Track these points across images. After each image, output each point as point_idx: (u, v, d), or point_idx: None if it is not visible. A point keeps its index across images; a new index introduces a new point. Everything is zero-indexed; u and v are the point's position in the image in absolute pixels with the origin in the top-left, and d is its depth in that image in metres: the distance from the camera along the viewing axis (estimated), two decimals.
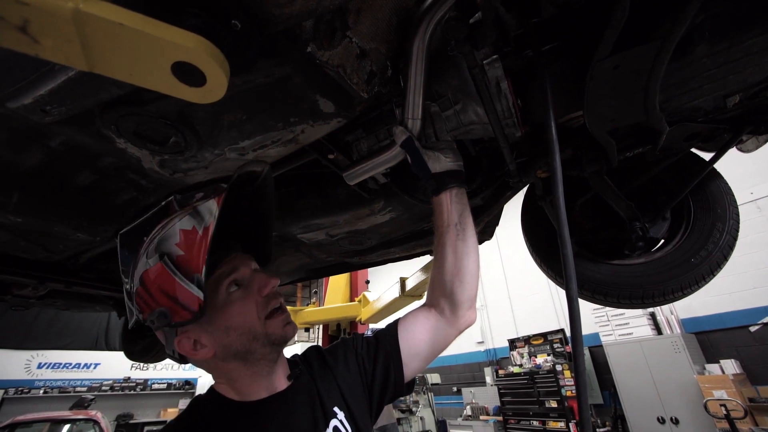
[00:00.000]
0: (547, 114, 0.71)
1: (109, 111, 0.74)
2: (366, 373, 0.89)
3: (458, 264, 0.92)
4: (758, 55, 0.77)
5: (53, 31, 0.42)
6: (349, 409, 0.82)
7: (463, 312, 0.94)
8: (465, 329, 0.98)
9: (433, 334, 0.95)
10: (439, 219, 0.96)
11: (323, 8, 0.57)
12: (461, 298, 0.93)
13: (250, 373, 0.76)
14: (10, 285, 1.86)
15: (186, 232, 0.74)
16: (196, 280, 0.68)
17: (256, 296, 0.77)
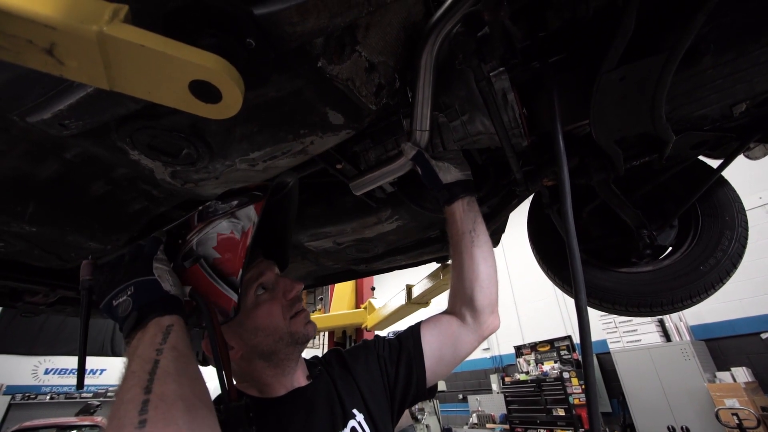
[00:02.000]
0: (554, 126, 0.72)
1: (124, 125, 0.76)
2: (388, 375, 0.90)
3: (476, 270, 0.93)
4: (765, 65, 0.78)
5: (78, 53, 0.44)
6: (369, 411, 0.82)
7: (485, 318, 0.95)
8: (488, 335, 0.98)
9: (455, 339, 0.94)
10: (453, 228, 0.96)
11: (335, 26, 0.58)
12: (482, 304, 0.93)
13: (273, 373, 0.79)
14: (23, 292, 1.89)
15: (223, 236, 0.77)
16: (231, 283, 0.70)
17: (281, 300, 0.81)
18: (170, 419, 0.44)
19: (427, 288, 1.97)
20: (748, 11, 0.72)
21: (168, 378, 0.48)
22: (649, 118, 0.82)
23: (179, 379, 0.49)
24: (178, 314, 0.62)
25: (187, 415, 0.46)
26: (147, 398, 0.45)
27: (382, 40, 0.75)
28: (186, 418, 0.45)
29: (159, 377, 0.48)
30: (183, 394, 0.48)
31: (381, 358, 0.92)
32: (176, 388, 0.48)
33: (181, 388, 0.48)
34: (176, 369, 0.50)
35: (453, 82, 0.84)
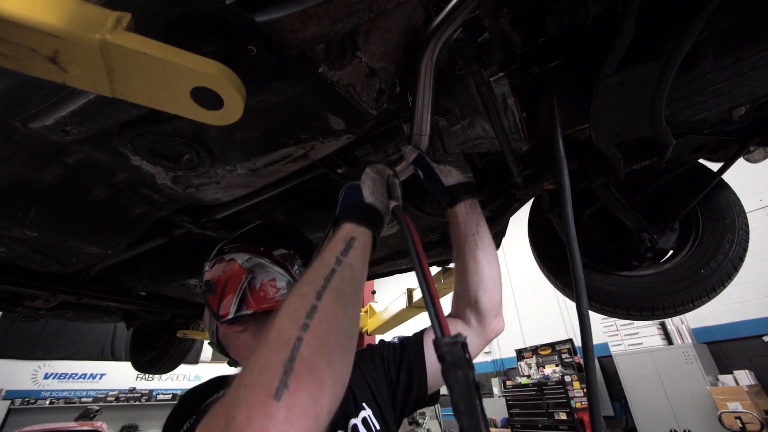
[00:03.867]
0: (554, 131, 0.72)
1: (126, 130, 0.77)
2: (390, 378, 0.90)
3: (480, 272, 0.93)
4: (764, 69, 0.78)
5: (81, 61, 0.45)
6: (378, 406, 0.82)
7: (489, 320, 0.94)
8: (493, 338, 0.98)
9: None
10: (456, 230, 0.96)
11: (336, 32, 0.59)
12: (486, 306, 0.93)
13: None
14: (23, 297, 1.89)
15: (267, 282, 0.87)
16: (244, 309, 0.83)
17: None
18: (325, 339, 0.48)
19: None
20: (746, 16, 0.73)
21: (335, 294, 0.52)
22: (649, 122, 0.83)
23: (342, 298, 0.53)
24: (368, 226, 0.65)
25: (339, 340, 0.50)
26: (315, 304, 0.49)
27: (383, 46, 0.76)
28: (338, 343, 0.49)
29: (330, 290, 0.52)
30: (340, 322, 0.51)
31: (385, 360, 0.92)
32: (339, 309, 0.52)
33: (340, 312, 0.52)
34: (344, 288, 0.54)
35: (453, 87, 0.84)
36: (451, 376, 0.47)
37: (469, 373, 0.47)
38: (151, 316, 2.37)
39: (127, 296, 2.04)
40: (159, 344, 2.78)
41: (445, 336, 0.51)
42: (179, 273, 1.74)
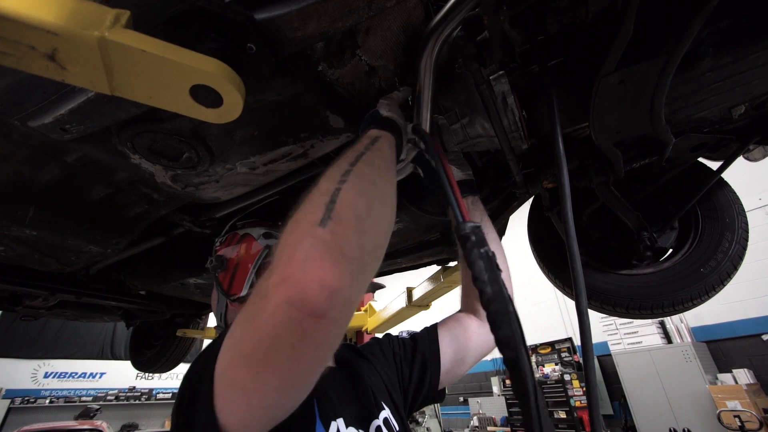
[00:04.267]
0: (554, 129, 0.72)
1: (125, 129, 0.76)
2: (402, 375, 0.87)
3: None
4: (764, 68, 0.78)
5: (80, 59, 0.44)
6: (395, 405, 0.80)
7: None
8: None
9: (475, 339, 0.92)
10: None
11: (335, 30, 0.58)
12: None
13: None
14: (22, 296, 1.89)
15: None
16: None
17: None
18: (363, 189, 0.50)
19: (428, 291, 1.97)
20: (746, 14, 0.72)
21: (367, 163, 0.55)
22: (649, 120, 0.83)
23: (375, 167, 0.56)
24: (390, 131, 0.67)
25: (376, 195, 0.51)
26: (350, 169, 0.52)
27: (382, 44, 0.76)
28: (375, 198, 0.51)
29: (362, 161, 0.54)
30: (375, 180, 0.53)
31: (397, 356, 0.90)
32: (374, 172, 0.54)
33: (375, 174, 0.54)
34: (374, 160, 0.57)
35: (453, 85, 0.84)
36: (475, 253, 0.52)
37: (490, 250, 0.53)
38: (151, 315, 2.37)
39: (127, 295, 2.04)
40: (158, 343, 2.78)
41: (467, 221, 0.56)
42: (179, 272, 1.74)
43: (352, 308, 0.44)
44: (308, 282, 0.39)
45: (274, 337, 0.41)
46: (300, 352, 0.41)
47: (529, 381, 0.46)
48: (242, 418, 0.47)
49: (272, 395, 0.45)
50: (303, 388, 0.48)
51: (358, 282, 0.43)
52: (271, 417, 0.48)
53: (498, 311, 0.49)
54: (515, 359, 0.47)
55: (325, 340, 0.42)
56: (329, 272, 0.40)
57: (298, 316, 0.39)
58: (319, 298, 0.39)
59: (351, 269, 0.42)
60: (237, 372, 0.46)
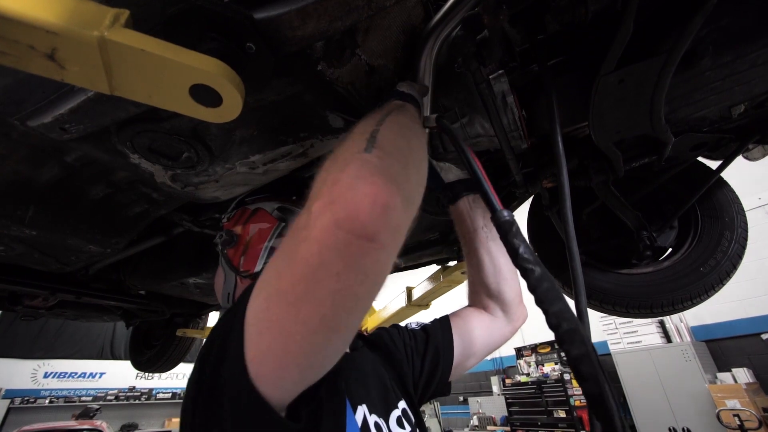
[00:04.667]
0: (553, 129, 0.72)
1: (125, 128, 0.76)
2: (414, 367, 0.85)
3: (496, 263, 0.92)
4: (763, 67, 0.78)
5: (79, 58, 0.44)
6: (409, 396, 0.78)
7: (515, 309, 0.93)
8: (521, 326, 0.97)
9: (488, 333, 0.92)
10: (462, 226, 0.96)
11: (335, 29, 0.58)
12: (510, 296, 0.92)
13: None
14: (22, 296, 1.89)
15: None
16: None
17: None
18: (395, 141, 0.48)
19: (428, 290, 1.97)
20: (745, 14, 0.73)
21: (396, 120, 0.54)
22: (648, 120, 0.83)
23: (402, 127, 0.54)
24: (411, 102, 0.66)
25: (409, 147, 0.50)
26: (377, 128, 0.49)
27: (382, 43, 0.76)
28: (408, 147, 0.50)
29: (386, 123, 0.51)
30: (404, 134, 0.52)
31: (408, 347, 0.88)
32: (402, 128, 0.53)
33: (405, 131, 0.53)
34: (399, 119, 0.55)
35: (452, 84, 0.84)
36: (519, 238, 0.55)
37: (525, 238, 0.56)
38: (151, 315, 2.37)
39: (127, 295, 2.04)
40: (158, 343, 2.78)
41: (503, 209, 0.58)
42: (178, 271, 1.74)
43: (401, 238, 0.41)
44: (359, 198, 0.36)
45: (319, 265, 0.37)
46: (345, 284, 0.38)
47: (590, 346, 0.47)
48: (278, 367, 0.43)
49: (312, 340, 0.41)
50: (342, 337, 0.44)
51: (409, 211, 0.41)
52: (307, 370, 0.45)
53: (548, 288, 0.50)
54: (575, 329, 0.48)
55: (372, 270, 0.39)
56: (382, 188, 0.37)
57: (346, 238, 0.36)
58: (372, 215, 0.36)
59: (401, 193, 0.39)
60: (273, 312, 0.42)
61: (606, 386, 0.44)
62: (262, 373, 0.43)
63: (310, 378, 0.46)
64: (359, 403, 0.63)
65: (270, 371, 0.43)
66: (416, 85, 0.73)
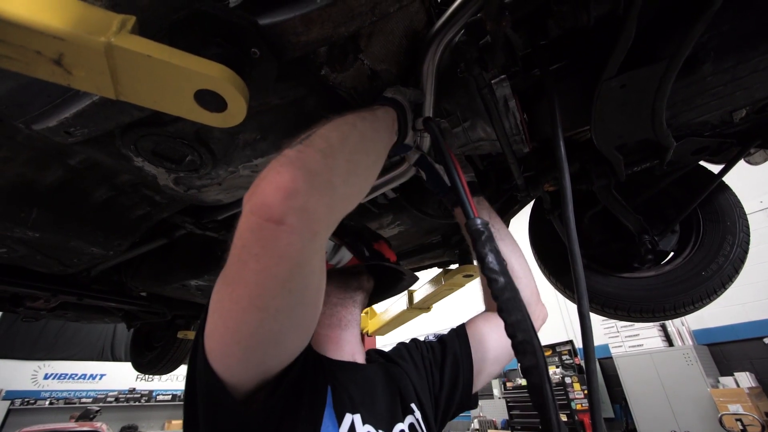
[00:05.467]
0: (555, 133, 0.72)
1: (129, 132, 0.77)
2: (433, 381, 0.84)
3: (508, 264, 0.91)
4: (764, 72, 0.78)
5: (86, 64, 0.45)
6: (423, 410, 0.77)
7: (533, 309, 0.91)
8: (541, 326, 0.94)
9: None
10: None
11: (338, 35, 0.59)
12: (526, 296, 0.89)
13: (334, 338, 0.79)
14: (24, 297, 1.89)
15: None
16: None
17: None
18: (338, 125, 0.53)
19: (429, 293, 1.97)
20: (746, 19, 0.73)
21: (355, 115, 0.57)
22: (650, 124, 0.83)
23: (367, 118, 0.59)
24: (392, 107, 0.69)
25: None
26: (318, 128, 0.52)
27: (385, 48, 0.76)
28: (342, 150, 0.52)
29: (351, 113, 0.57)
30: (356, 123, 0.56)
31: (426, 360, 0.87)
32: (356, 119, 0.56)
33: (358, 120, 0.57)
34: (364, 115, 0.59)
35: (455, 89, 0.85)
36: (487, 247, 0.59)
37: (497, 246, 0.60)
38: (152, 317, 2.37)
39: (128, 297, 2.04)
40: (159, 345, 2.78)
41: (476, 216, 0.61)
42: (180, 274, 1.74)
43: (315, 221, 0.44)
44: (265, 185, 0.42)
45: (242, 248, 0.43)
46: (264, 265, 0.42)
47: (540, 358, 0.51)
48: (221, 343, 0.49)
49: (244, 318, 0.46)
50: (276, 319, 0.47)
51: (321, 195, 0.44)
52: (249, 351, 0.48)
53: (509, 299, 0.54)
54: (529, 340, 0.51)
55: (287, 252, 0.42)
56: (285, 176, 0.42)
57: (258, 222, 0.41)
58: (275, 200, 0.41)
59: (310, 178, 0.43)
60: (218, 293, 0.48)
61: (549, 398, 0.49)
62: (210, 348, 0.50)
63: (255, 359, 0.50)
64: (351, 412, 0.64)
65: (216, 347, 0.50)
66: (409, 90, 0.74)
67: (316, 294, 0.52)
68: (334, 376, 0.68)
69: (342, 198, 0.49)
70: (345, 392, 0.67)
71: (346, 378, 0.70)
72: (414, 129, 0.71)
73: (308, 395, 0.59)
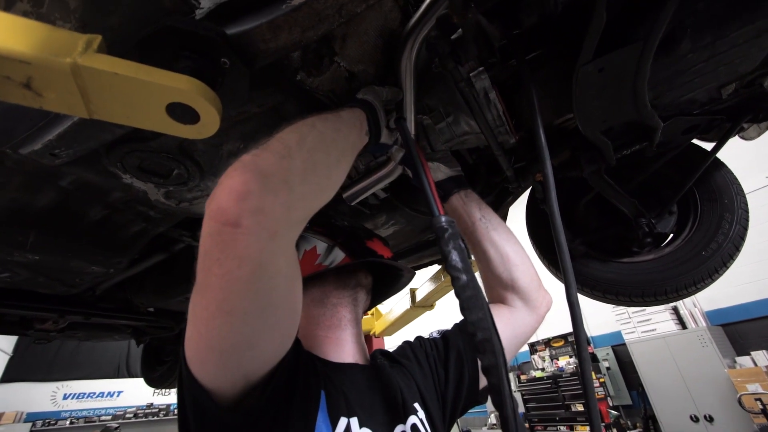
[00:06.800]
0: (534, 122, 0.72)
1: (113, 150, 0.78)
2: (438, 378, 0.83)
3: (502, 252, 0.90)
4: (745, 46, 0.77)
5: (54, 85, 0.46)
6: (428, 409, 0.76)
7: (534, 295, 0.90)
8: (546, 312, 0.93)
9: (511, 326, 0.87)
10: (460, 222, 0.95)
11: (308, 39, 0.59)
12: (525, 283, 0.89)
13: (334, 339, 0.80)
14: (32, 320, 1.92)
15: (309, 251, 0.84)
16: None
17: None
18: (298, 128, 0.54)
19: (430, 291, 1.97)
20: None
21: (317, 118, 0.58)
22: (633, 106, 0.82)
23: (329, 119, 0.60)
24: (361, 108, 0.70)
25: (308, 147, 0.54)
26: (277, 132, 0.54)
27: (361, 49, 0.76)
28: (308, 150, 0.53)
29: (313, 116, 0.57)
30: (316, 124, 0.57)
31: (430, 357, 0.86)
32: (317, 120, 0.57)
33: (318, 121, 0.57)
34: (327, 117, 0.60)
35: (435, 84, 0.85)
36: (451, 245, 0.59)
37: (463, 244, 0.60)
38: (160, 332, 2.39)
39: (135, 313, 2.06)
40: (169, 359, 2.80)
41: (441, 214, 0.61)
42: (183, 287, 1.75)
43: (271, 221, 0.44)
44: (219, 190, 0.43)
45: (205, 254, 0.44)
46: (226, 268, 0.43)
47: (500, 358, 0.51)
48: (197, 349, 0.50)
49: (214, 323, 0.47)
50: (246, 322, 0.47)
51: (276, 196, 0.45)
52: (225, 355, 0.49)
53: (471, 296, 0.55)
54: (488, 339, 0.52)
55: (247, 254, 0.43)
56: (237, 179, 0.43)
57: (216, 227, 0.42)
58: (228, 204, 0.42)
59: (263, 179, 0.44)
60: (191, 302, 0.49)
61: (508, 397, 0.50)
62: (188, 356, 0.51)
63: (231, 364, 0.50)
64: (347, 416, 0.63)
65: (193, 354, 0.51)
66: (384, 90, 0.74)
67: (286, 295, 0.52)
68: (329, 379, 0.68)
69: (301, 197, 0.49)
70: (341, 395, 0.66)
71: (345, 380, 0.70)
72: (389, 128, 0.71)
73: (300, 400, 0.59)
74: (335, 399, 0.65)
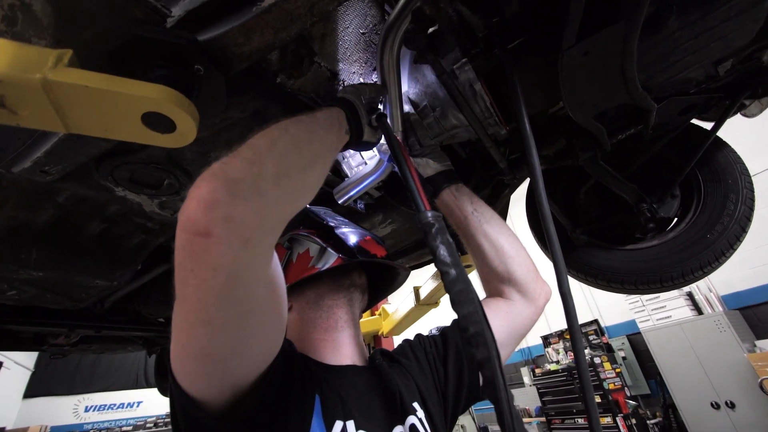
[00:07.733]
0: (519, 111, 0.71)
1: (103, 163, 0.78)
2: (438, 375, 0.82)
3: (496, 244, 0.89)
4: (737, 19, 0.75)
5: (28, 102, 0.46)
6: (427, 409, 0.75)
7: (531, 287, 0.89)
8: (545, 303, 0.91)
9: (509, 320, 0.86)
10: (452, 216, 0.94)
11: (282, 40, 0.59)
12: (521, 274, 0.88)
13: (331, 341, 0.80)
14: (45, 335, 1.96)
15: (302, 254, 0.84)
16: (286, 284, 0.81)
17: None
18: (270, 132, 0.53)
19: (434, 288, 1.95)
20: None
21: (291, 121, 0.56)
22: (623, 89, 0.80)
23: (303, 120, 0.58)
24: (339, 106, 0.68)
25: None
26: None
27: (341, 48, 0.76)
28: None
29: (263, 131, 0.54)
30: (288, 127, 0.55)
31: (429, 355, 0.85)
32: (290, 123, 0.56)
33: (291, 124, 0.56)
34: (301, 119, 0.58)
35: (418, 79, 0.84)
36: (438, 239, 0.59)
37: (451, 238, 0.60)
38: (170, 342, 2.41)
39: (144, 324, 2.08)
40: None
41: (428, 210, 0.61)
42: None
43: (243, 228, 0.44)
44: (188, 201, 0.42)
45: (179, 266, 0.44)
46: (201, 278, 0.43)
47: (493, 351, 0.51)
48: (181, 360, 0.50)
49: (194, 333, 0.47)
50: (227, 331, 0.47)
51: (246, 202, 0.44)
52: (210, 365, 0.49)
53: (461, 290, 0.54)
54: (480, 332, 0.52)
55: (219, 263, 0.42)
56: (204, 188, 0.42)
57: (187, 237, 0.42)
58: (197, 214, 0.41)
59: (231, 187, 0.43)
60: (173, 316, 0.49)
61: (503, 390, 0.50)
62: (174, 368, 0.52)
63: (216, 373, 0.50)
64: (343, 419, 0.63)
65: (178, 365, 0.51)
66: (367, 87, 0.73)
67: (267, 301, 0.51)
68: (325, 383, 0.67)
69: (275, 201, 0.48)
70: (337, 398, 0.66)
71: (342, 383, 0.69)
72: (371, 125, 0.71)
73: (294, 404, 0.59)
74: (331, 402, 0.64)
